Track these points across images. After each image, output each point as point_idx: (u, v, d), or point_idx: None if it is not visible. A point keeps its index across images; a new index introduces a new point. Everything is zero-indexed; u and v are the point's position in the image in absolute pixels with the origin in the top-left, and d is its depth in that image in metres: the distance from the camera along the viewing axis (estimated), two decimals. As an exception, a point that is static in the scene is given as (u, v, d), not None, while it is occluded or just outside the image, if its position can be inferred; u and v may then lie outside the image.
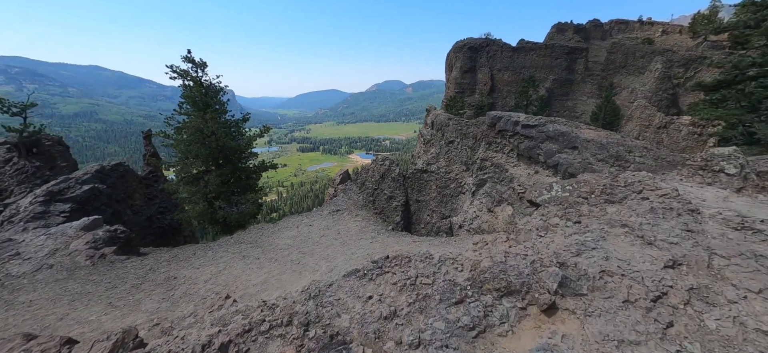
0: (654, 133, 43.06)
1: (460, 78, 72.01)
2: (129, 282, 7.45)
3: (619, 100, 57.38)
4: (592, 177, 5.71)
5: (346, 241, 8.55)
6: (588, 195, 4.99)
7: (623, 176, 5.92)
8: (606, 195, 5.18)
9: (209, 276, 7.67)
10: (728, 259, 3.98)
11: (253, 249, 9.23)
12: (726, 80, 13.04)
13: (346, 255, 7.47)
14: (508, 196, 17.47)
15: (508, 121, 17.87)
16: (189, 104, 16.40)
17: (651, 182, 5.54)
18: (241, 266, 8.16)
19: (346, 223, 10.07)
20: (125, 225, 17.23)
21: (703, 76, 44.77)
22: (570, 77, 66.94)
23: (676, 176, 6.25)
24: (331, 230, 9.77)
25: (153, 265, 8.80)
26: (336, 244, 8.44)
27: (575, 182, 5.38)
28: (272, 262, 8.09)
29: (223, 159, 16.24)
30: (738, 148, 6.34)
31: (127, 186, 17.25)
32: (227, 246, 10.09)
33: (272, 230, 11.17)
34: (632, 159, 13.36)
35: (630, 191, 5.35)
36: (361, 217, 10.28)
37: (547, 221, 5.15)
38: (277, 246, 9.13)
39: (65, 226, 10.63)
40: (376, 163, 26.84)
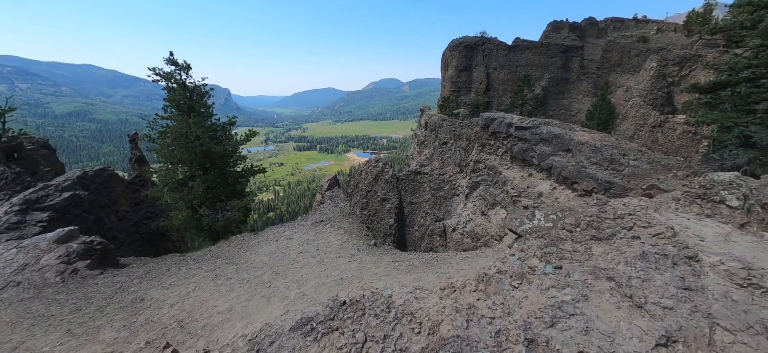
0: (649, 132, 43.03)
1: (456, 77, 71.75)
2: (94, 304, 7.08)
3: (614, 99, 57.36)
4: (579, 204, 5.19)
5: (323, 260, 8.20)
6: (573, 227, 4.45)
7: (612, 206, 5.28)
8: (593, 229, 4.62)
9: (177, 299, 7.30)
10: (733, 334, 3.29)
11: (227, 267, 8.85)
12: (721, 82, 12.79)
13: (319, 278, 7.11)
14: (502, 199, 17.20)
15: (502, 123, 17.58)
16: (173, 107, 15.95)
17: (643, 215, 4.91)
18: (211, 287, 7.80)
19: (327, 237, 9.71)
20: (110, 233, 16.78)
21: (697, 74, 44.79)
22: (566, 76, 66.91)
23: (671, 204, 5.51)
24: (310, 245, 9.40)
25: (124, 283, 8.40)
26: (312, 264, 8.08)
27: (560, 210, 4.88)
28: (243, 284, 7.74)
29: (210, 164, 15.83)
30: (740, 175, 5.61)
31: (111, 191, 16.78)
32: (202, 261, 9.70)
33: (251, 243, 10.79)
34: (627, 162, 13.12)
35: (619, 227, 4.72)
36: (344, 230, 9.93)
37: (525, 262, 4.56)
38: (252, 264, 8.75)
39: (38, 238, 10.19)
40: (369, 165, 26.49)
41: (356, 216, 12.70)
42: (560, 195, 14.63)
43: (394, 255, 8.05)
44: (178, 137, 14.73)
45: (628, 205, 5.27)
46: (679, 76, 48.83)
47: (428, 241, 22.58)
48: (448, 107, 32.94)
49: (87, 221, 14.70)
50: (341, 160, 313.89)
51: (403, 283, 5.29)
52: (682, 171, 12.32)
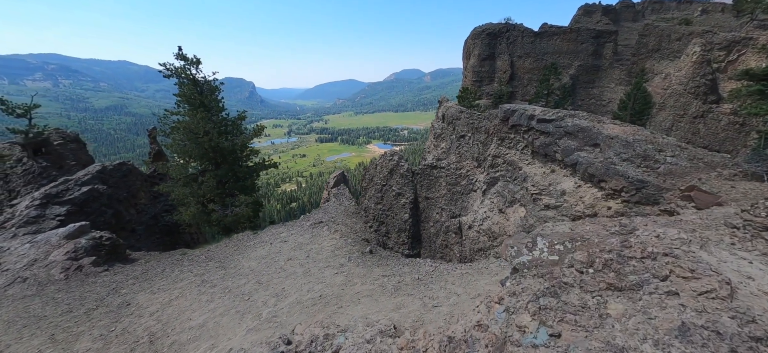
0: (689, 123, 39.68)
1: (478, 66, 69.32)
2: (86, 306, 7.10)
3: (651, 87, 53.31)
4: (596, 233, 4.11)
5: (309, 270, 7.80)
6: (584, 267, 3.38)
7: (641, 238, 3.78)
8: (611, 271, 3.31)
9: (158, 307, 7.19)
10: None
11: (215, 272, 8.68)
12: None
13: (299, 294, 6.72)
14: (521, 197, 16.18)
15: (523, 115, 16.44)
16: (184, 102, 16.06)
17: (685, 256, 3.40)
18: (194, 295, 7.63)
19: (321, 241, 9.30)
20: (129, 225, 17.27)
21: (748, 59, 40.64)
22: (597, 63, 62.89)
23: (725, 235, 3.97)
24: (302, 250, 9.04)
25: (119, 284, 8.43)
26: (298, 274, 7.70)
27: (570, 240, 3.84)
28: (224, 294, 7.51)
29: (221, 159, 15.85)
30: None
31: (130, 185, 17.26)
32: (196, 262, 9.61)
33: (248, 244, 10.61)
34: (663, 159, 11.82)
35: (648, 273, 3.25)
36: (341, 233, 9.47)
37: (513, 318, 3.26)
38: (240, 270, 8.52)
39: (50, 234, 10.50)
40: (384, 159, 25.95)
41: (360, 215, 12.22)
42: (585, 194, 13.49)
43: (387, 266, 7.50)
44: (188, 132, 14.81)
45: (662, 238, 3.80)
46: (726, 62, 44.55)
47: (443, 238, 21.87)
48: (467, 98, 31.65)
49: (105, 215, 15.14)
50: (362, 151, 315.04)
51: (372, 319, 4.71)
52: (728, 169, 10.92)
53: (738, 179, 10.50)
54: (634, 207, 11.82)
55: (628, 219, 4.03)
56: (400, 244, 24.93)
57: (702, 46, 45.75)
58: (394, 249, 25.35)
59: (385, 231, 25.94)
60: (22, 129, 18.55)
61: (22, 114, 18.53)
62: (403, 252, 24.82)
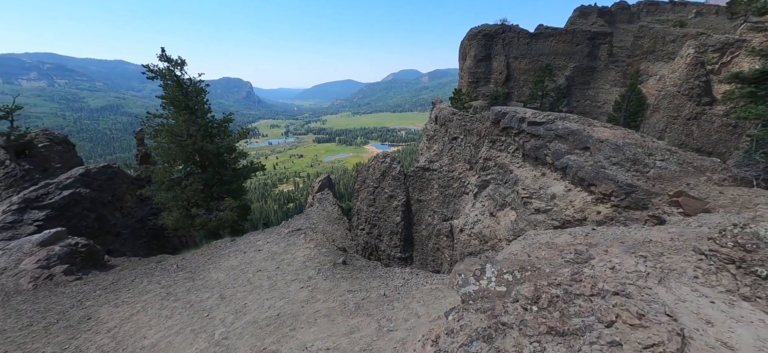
0: (683, 125, 39.77)
1: (474, 67, 69.32)
2: (46, 320, 6.85)
3: (645, 89, 53.51)
4: (550, 261, 3.83)
5: (275, 283, 7.57)
6: (529, 303, 3.02)
7: (594, 272, 3.50)
8: (556, 311, 2.91)
9: (118, 322, 6.95)
10: None
11: (183, 283, 8.43)
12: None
13: (257, 312, 6.51)
14: (512, 201, 16.02)
15: (514, 118, 16.29)
16: (170, 105, 15.77)
17: (638, 296, 3.00)
18: (155, 309, 7.39)
19: (295, 251, 9.06)
20: (114, 229, 16.95)
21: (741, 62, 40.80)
22: (592, 64, 63.04)
23: (689, 267, 3.51)
24: (274, 261, 8.80)
25: (86, 295, 8.17)
26: (264, 287, 7.47)
27: (519, 268, 3.58)
28: (185, 310, 7.28)
29: (207, 162, 15.58)
30: None
31: (116, 188, 16.95)
32: (165, 273, 9.35)
33: (222, 253, 10.36)
34: (652, 163, 11.68)
35: (594, 316, 2.84)
36: (317, 242, 9.22)
37: None
38: (206, 282, 8.28)
39: (24, 241, 10.21)
40: (376, 161, 25.76)
41: (342, 220, 11.98)
42: (575, 198, 13.34)
43: (356, 280, 7.27)
44: (172, 135, 14.54)
45: (617, 271, 3.46)
46: (720, 64, 44.70)
47: (435, 241, 21.69)
48: (460, 100, 31.34)
49: (88, 219, 14.83)
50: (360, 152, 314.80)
51: (317, 347, 4.48)
52: (718, 174, 10.79)
53: (727, 184, 10.38)
54: (623, 211, 11.68)
55: (587, 246, 3.77)
56: (392, 247, 24.74)
57: (696, 48, 45.90)
58: (385, 252, 25.16)
59: (377, 233, 25.75)
60: (4, 131, 18.13)
61: (3, 115, 18.10)
62: (394, 256, 24.63)
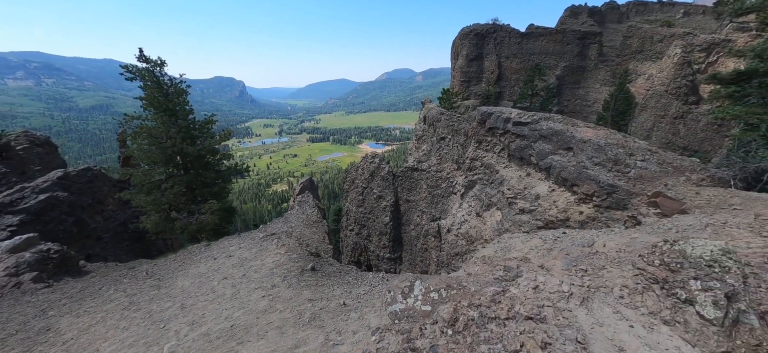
0: (670, 124, 40.33)
1: (466, 66, 69.49)
2: (6, 331, 6.65)
3: (634, 88, 54.15)
4: (478, 279, 3.64)
5: (238, 292, 7.42)
6: (446, 326, 2.77)
7: (515, 292, 3.30)
8: (469, 336, 2.80)
9: (75, 333, 6.77)
10: None
11: (148, 291, 8.24)
12: (747, 71, 11.12)
13: (216, 321, 6.39)
14: (498, 201, 16.03)
15: (499, 118, 16.29)
16: (150, 106, 15.43)
17: (552, 319, 2.91)
18: (114, 320, 7.20)
19: (265, 257, 8.89)
20: (94, 233, 16.59)
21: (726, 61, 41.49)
22: (582, 64, 63.58)
23: (615, 287, 3.41)
24: (242, 268, 8.64)
25: (51, 304, 7.95)
26: (226, 296, 7.33)
27: (446, 286, 3.36)
28: (143, 320, 7.12)
29: (189, 164, 15.29)
30: (729, 250, 3.30)
31: (96, 191, 16.57)
32: (134, 280, 9.13)
33: (193, 259, 10.17)
34: (633, 163, 11.74)
35: (501, 344, 2.68)
36: (288, 247, 9.04)
37: None
38: (171, 290, 8.09)
39: (-8, 247, 9.91)
40: (365, 161, 25.65)
41: (321, 224, 11.84)
42: (559, 199, 13.38)
43: (320, 287, 7.13)
44: (151, 137, 14.25)
45: (540, 291, 3.29)
46: (706, 63, 45.44)
47: (423, 242, 21.66)
48: (449, 100, 31.11)
49: (65, 223, 14.48)
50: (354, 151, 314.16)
51: None
52: (697, 174, 10.87)
53: (706, 184, 10.47)
54: (604, 212, 11.73)
55: (518, 262, 3.67)
56: (381, 248, 24.68)
57: (683, 48, 46.58)
58: (375, 253, 25.07)
59: (366, 234, 25.66)
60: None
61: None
62: (384, 256, 24.55)
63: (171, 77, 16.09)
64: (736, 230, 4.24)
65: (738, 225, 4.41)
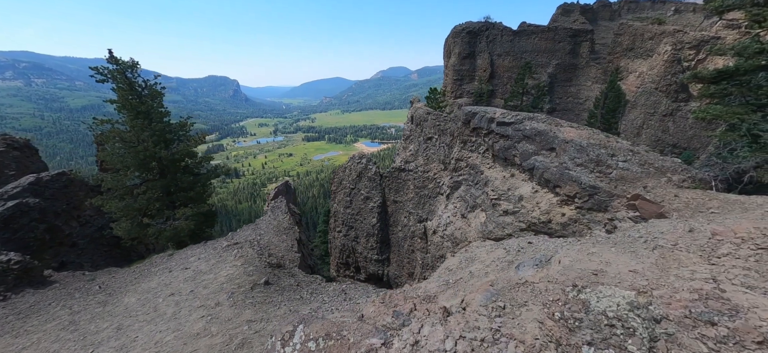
0: (659, 122, 40.47)
1: (459, 64, 69.31)
2: None
3: (625, 85, 54.29)
4: (362, 328, 3.29)
5: (180, 311, 7.07)
6: None
7: (395, 345, 2.94)
8: None
9: None
10: None
11: (92, 309, 7.87)
12: (727, 70, 10.92)
13: (145, 346, 6.07)
14: (482, 202, 15.79)
15: (483, 118, 16.04)
16: (123, 109, 14.94)
17: None
18: (49, 342, 6.84)
19: (220, 270, 8.52)
20: (69, 239, 16.10)
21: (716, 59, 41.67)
22: (574, 61, 63.64)
23: (511, 347, 3.01)
24: (193, 282, 8.28)
25: None
26: (166, 316, 6.97)
27: (325, 335, 2.97)
28: (76, 343, 6.78)
29: (164, 168, 14.83)
30: (639, 305, 2.85)
31: (71, 196, 16.08)
32: (84, 295, 8.73)
33: (151, 270, 9.81)
34: (615, 164, 11.54)
35: None
36: (246, 259, 8.64)
37: None
38: (116, 308, 7.68)
39: (-54, 259, 9.44)
40: (352, 162, 25.32)
41: (292, 231, 11.48)
42: (541, 200, 13.16)
43: (264, 306, 6.81)
44: (122, 142, 13.81)
45: (420, 347, 2.93)
46: (696, 61, 45.65)
47: (410, 244, 21.41)
48: (436, 99, 30.54)
49: (36, 230, 14.01)
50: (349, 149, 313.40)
51: None
52: (678, 175, 10.70)
53: (687, 185, 10.29)
54: (586, 213, 11.53)
55: (417, 304, 3.39)
56: (369, 249, 24.38)
57: (672, 45, 46.76)
58: (362, 254, 24.77)
59: (354, 236, 25.35)
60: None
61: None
62: (371, 258, 24.27)
63: (145, 79, 15.59)
64: (685, 254, 4.00)
65: (689, 248, 4.16)
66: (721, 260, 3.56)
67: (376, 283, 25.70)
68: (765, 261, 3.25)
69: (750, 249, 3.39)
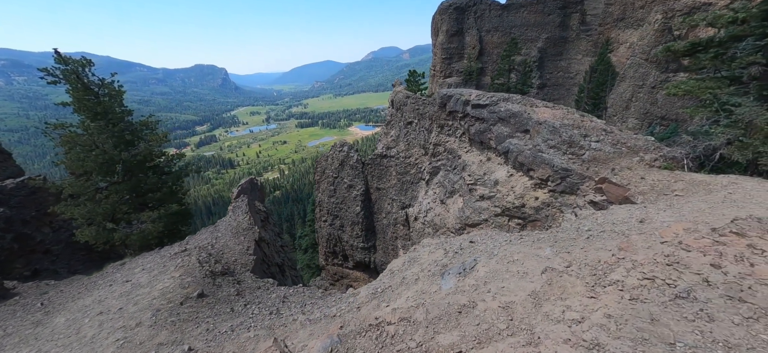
0: (648, 94, 40.04)
1: (447, 42, 67.83)
2: None
3: (616, 57, 53.43)
4: None
5: (100, 333, 6.65)
6: None
7: None
8: None
9: None
10: None
11: (23, 330, 7.34)
12: (700, 42, 10.43)
13: None
14: (460, 188, 15.54)
15: (458, 101, 15.58)
16: (81, 111, 14.24)
17: None
18: None
19: (158, 282, 8.10)
20: (41, 246, 15.72)
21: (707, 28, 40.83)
22: (564, 34, 62.40)
23: None
24: (126, 298, 7.86)
25: None
26: (84, 340, 6.41)
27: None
28: None
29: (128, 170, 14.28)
30: None
31: (41, 202, 15.59)
32: (26, 311, 8.33)
33: (96, 282, 9.43)
34: (588, 145, 11.23)
35: None
36: (187, 268, 8.17)
37: None
38: (43, 331, 7.09)
39: None
40: (334, 150, 24.86)
41: (251, 231, 11.14)
42: (516, 184, 12.91)
43: (186, 325, 6.46)
44: (79, 146, 13.21)
45: None
46: (687, 29, 44.79)
47: (393, 231, 21.28)
48: (415, 81, 29.48)
49: (3, 241, 13.61)
50: (344, 134, 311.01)
51: None
52: (650, 154, 10.43)
53: (658, 164, 10.04)
54: (559, 196, 11.30)
55: None
56: (355, 237, 24.26)
57: (663, 14, 45.72)
58: (349, 243, 24.67)
59: (339, 224, 25.17)
60: None
61: None
62: (357, 246, 24.17)
63: (101, 78, 14.80)
64: (574, 279, 3.67)
65: (579, 272, 3.81)
66: (602, 293, 3.25)
67: (363, 270, 25.76)
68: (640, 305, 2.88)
69: (637, 279, 3.08)
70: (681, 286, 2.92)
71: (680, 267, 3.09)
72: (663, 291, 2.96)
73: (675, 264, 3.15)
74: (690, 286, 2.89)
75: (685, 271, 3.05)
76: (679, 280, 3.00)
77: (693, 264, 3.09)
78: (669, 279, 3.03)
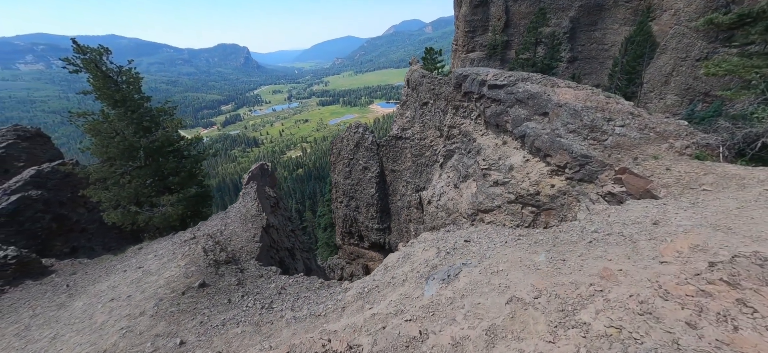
0: (691, 67, 36.60)
1: (470, 14, 64.53)
2: None
3: (658, 26, 48.68)
4: None
5: (105, 323, 6.91)
6: None
7: None
8: None
9: None
10: None
11: (47, 312, 7.90)
12: (750, 13, 9.06)
13: None
14: (474, 172, 15.09)
15: (474, 81, 14.87)
16: (102, 99, 14.85)
17: None
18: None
19: (166, 270, 8.36)
20: (77, 226, 16.89)
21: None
22: (600, 1, 57.44)
23: None
24: (136, 285, 8.14)
25: None
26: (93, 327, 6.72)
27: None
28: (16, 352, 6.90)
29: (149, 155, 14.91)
30: None
31: (75, 185, 16.66)
32: (54, 292, 8.88)
33: (115, 267, 9.91)
34: (611, 129, 10.46)
35: None
36: (193, 257, 8.32)
37: None
38: (64, 313, 7.54)
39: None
40: (349, 131, 24.76)
41: (259, 219, 11.29)
42: (532, 170, 12.34)
43: (182, 316, 6.62)
44: (101, 133, 13.84)
45: None
46: (742, -9, 39.99)
47: (407, 213, 21.20)
48: (432, 59, 27.95)
49: (42, 221, 14.72)
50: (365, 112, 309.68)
51: None
52: (682, 140, 9.56)
53: (690, 152, 9.19)
54: (576, 185, 10.71)
55: None
56: (370, 219, 24.45)
57: (714, -26, 40.96)
58: (364, 224, 24.93)
59: (355, 206, 25.40)
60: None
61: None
62: (373, 227, 24.39)
63: (119, 65, 15.29)
64: (535, 316, 3.26)
65: (546, 307, 3.36)
66: (562, 337, 2.92)
67: (379, 250, 26.08)
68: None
69: (603, 326, 2.70)
70: (647, 345, 2.61)
71: (652, 319, 2.77)
72: (626, 347, 2.66)
73: (647, 313, 2.82)
74: (656, 347, 2.57)
75: (656, 326, 2.73)
76: (646, 337, 2.69)
77: (667, 318, 2.75)
78: (637, 333, 2.72)
